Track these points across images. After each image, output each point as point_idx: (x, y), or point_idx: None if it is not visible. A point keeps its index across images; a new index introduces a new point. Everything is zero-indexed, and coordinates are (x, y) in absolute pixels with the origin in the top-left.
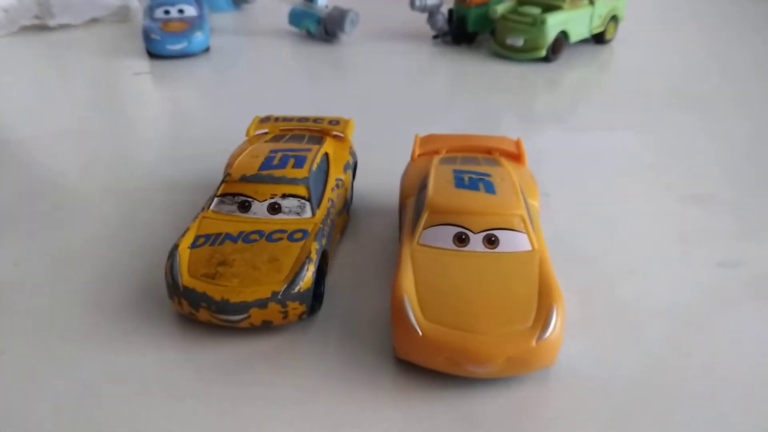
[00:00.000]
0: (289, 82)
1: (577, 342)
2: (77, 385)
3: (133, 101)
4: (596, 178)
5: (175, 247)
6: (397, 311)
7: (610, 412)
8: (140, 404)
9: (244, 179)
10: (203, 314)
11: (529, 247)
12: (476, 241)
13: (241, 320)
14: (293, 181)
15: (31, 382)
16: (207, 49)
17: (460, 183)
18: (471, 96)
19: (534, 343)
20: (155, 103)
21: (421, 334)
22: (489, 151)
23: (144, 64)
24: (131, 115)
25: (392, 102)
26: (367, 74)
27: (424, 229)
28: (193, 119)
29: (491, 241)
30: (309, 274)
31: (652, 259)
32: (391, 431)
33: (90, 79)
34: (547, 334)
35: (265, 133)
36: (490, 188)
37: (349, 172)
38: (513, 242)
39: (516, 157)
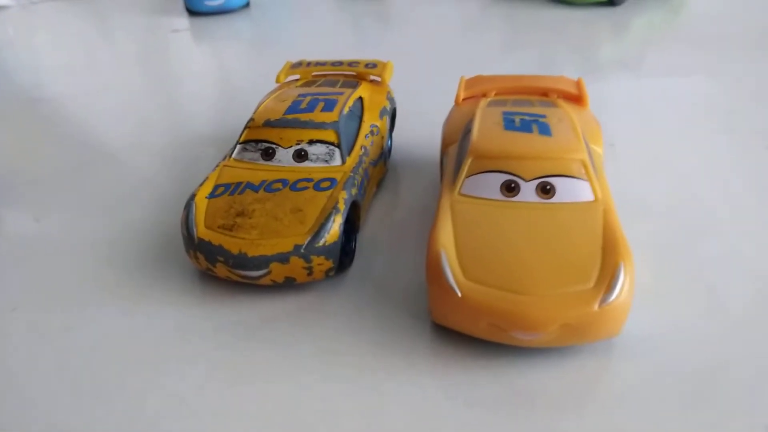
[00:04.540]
0: (333, 36)
1: (647, 308)
2: (85, 344)
3: (170, 58)
4: (669, 127)
5: (192, 197)
6: (432, 269)
7: (687, 391)
8: (151, 366)
9: (268, 124)
10: (221, 269)
11: (591, 197)
12: (528, 190)
13: (261, 276)
14: (321, 126)
15: (39, 340)
16: (247, 4)
17: (509, 125)
18: (527, 45)
19: (596, 307)
20: (193, 60)
21: (460, 295)
22: (545, 93)
23: (182, 21)
24: (167, 73)
25: (441, 54)
26: (415, 26)
27: (467, 177)
28: (231, 76)
29: (546, 190)
30: (336, 226)
31: (737, 215)
32: (427, 400)
33: (128, 38)
34: (613, 296)
35: (297, 80)
36: (545, 130)
37: (386, 118)
38: (572, 191)
39: (576, 98)
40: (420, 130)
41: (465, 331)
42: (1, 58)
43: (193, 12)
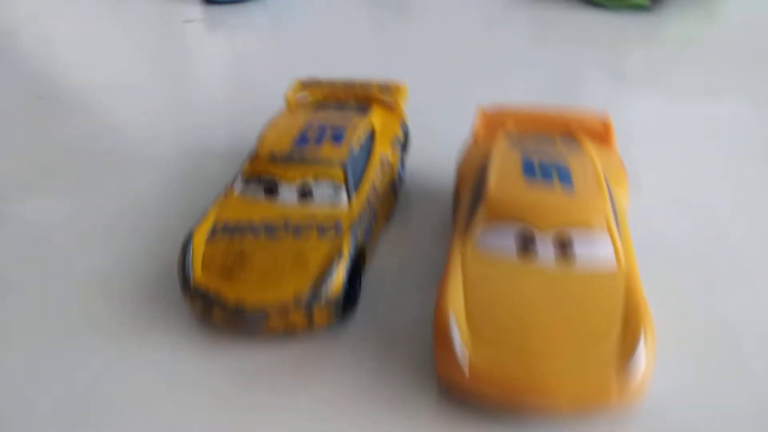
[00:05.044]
0: (350, 28)
1: (667, 374)
2: (78, 384)
3: (182, 51)
4: (700, 158)
5: (190, 237)
6: (440, 331)
7: None
8: (144, 409)
9: (273, 159)
10: (217, 317)
11: (613, 261)
12: (546, 249)
13: (259, 326)
14: (328, 162)
15: (31, 380)
16: None
17: (529, 170)
18: (553, 51)
19: (615, 379)
20: (206, 51)
21: (468, 376)
22: (568, 129)
23: (196, 10)
24: (178, 66)
25: (461, 55)
26: (436, 21)
27: (481, 230)
28: (247, 70)
29: (565, 251)
30: (340, 274)
31: None
32: None
33: (138, 28)
34: (633, 368)
35: (306, 99)
36: (566, 179)
37: (398, 148)
38: (593, 253)
39: (602, 137)
40: (431, 151)
41: (474, 400)
42: (7, 48)
43: (208, 1)
